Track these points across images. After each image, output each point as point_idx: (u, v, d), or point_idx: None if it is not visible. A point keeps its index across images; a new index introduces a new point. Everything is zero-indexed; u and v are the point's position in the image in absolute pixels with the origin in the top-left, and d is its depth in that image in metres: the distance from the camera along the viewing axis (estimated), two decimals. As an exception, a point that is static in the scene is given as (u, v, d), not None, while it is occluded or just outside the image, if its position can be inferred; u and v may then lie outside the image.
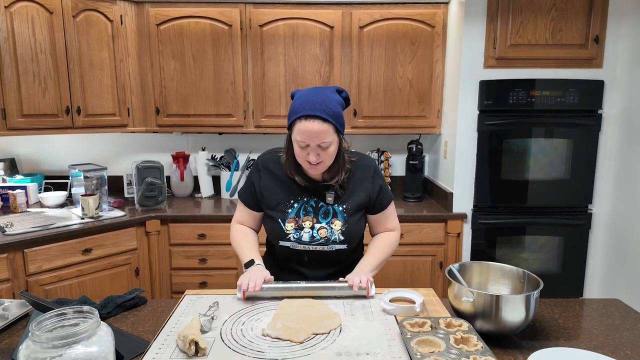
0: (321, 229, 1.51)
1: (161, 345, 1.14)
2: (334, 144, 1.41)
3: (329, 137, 1.37)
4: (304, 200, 1.52)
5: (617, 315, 1.34)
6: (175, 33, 2.86)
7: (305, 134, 1.36)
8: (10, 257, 2.23)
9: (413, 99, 2.95)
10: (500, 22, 2.54)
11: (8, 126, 2.49)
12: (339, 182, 1.49)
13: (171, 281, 2.81)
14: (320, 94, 1.39)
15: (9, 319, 1.28)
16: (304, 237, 1.51)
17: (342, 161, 1.47)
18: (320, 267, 1.56)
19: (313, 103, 1.36)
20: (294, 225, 1.51)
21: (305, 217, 1.51)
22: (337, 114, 1.39)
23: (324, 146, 1.38)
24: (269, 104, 2.95)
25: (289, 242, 1.52)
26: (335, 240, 1.51)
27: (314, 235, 1.50)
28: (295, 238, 1.51)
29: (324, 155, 1.40)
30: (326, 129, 1.36)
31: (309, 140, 1.36)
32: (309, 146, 1.38)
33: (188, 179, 3.22)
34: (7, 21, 2.41)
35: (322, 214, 1.52)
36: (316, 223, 1.51)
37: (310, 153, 1.38)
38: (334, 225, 1.51)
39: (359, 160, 1.56)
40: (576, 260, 2.76)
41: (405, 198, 3.10)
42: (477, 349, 1.04)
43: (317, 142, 1.37)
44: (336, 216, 1.51)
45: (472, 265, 1.37)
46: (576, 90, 2.58)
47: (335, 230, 1.50)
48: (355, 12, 2.85)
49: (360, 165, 1.55)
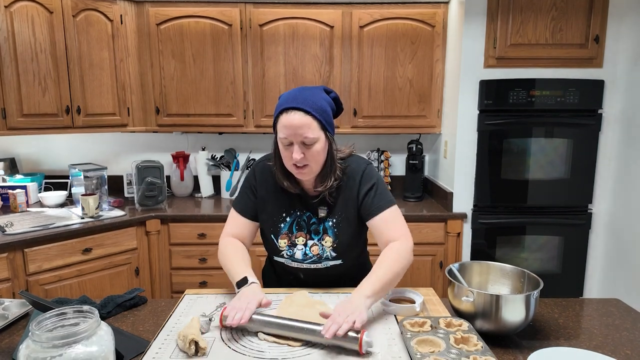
0: (313, 246, 1.44)
1: (161, 344, 1.14)
2: (320, 142, 1.31)
3: (312, 132, 1.28)
4: (296, 215, 1.45)
5: (617, 314, 1.34)
6: (175, 33, 2.86)
7: (287, 129, 1.28)
8: (10, 256, 2.23)
9: (413, 99, 2.95)
10: (501, 22, 2.54)
11: (8, 126, 2.48)
12: (327, 189, 1.39)
13: (171, 281, 2.81)
14: (304, 90, 1.33)
15: (9, 318, 1.28)
16: (297, 255, 1.44)
17: (330, 165, 1.37)
18: (318, 283, 1.49)
19: (295, 97, 1.30)
20: (287, 242, 1.45)
21: (299, 233, 1.44)
22: (322, 108, 1.31)
23: (307, 142, 1.29)
24: (269, 104, 2.95)
25: (282, 259, 1.47)
26: (328, 257, 1.44)
27: (307, 252, 1.44)
28: (289, 255, 1.45)
29: (309, 155, 1.31)
30: (309, 122, 1.28)
31: (291, 136, 1.28)
32: (292, 145, 1.30)
33: (188, 179, 3.22)
34: (7, 21, 2.41)
35: (314, 230, 1.44)
36: (309, 240, 1.44)
37: (295, 151, 1.29)
38: (325, 242, 1.43)
39: (349, 166, 1.44)
40: (576, 260, 2.76)
41: (405, 198, 3.10)
42: (477, 349, 1.04)
43: (300, 138, 1.28)
44: (326, 232, 1.43)
45: (472, 265, 1.37)
46: (576, 90, 2.57)
47: (327, 247, 1.43)
48: (356, 12, 2.85)
49: (349, 171, 1.43)
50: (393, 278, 1.29)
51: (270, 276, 1.63)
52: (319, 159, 1.34)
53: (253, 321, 1.17)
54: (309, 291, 1.43)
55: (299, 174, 1.36)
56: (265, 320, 1.17)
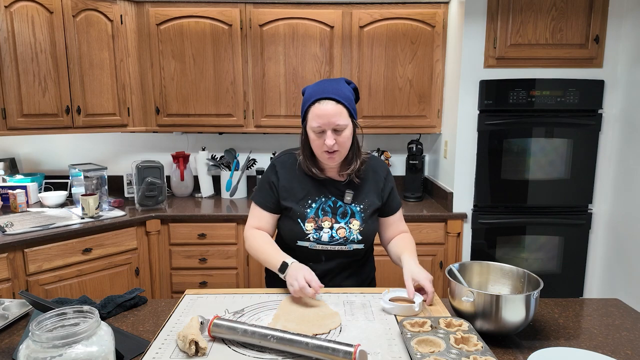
0: (340, 229, 1.52)
1: (161, 345, 1.14)
2: (349, 129, 1.43)
3: (343, 119, 1.40)
4: (322, 200, 1.53)
5: (617, 315, 1.34)
6: (176, 33, 2.86)
7: (321, 118, 1.39)
8: (10, 256, 2.23)
9: (413, 99, 2.95)
10: (501, 22, 2.54)
11: (8, 126, 2.49)
12: (354, 171, 1.50)
13: (171, 281, 2.81)
14: (331, 81, 1.45)
15: (9, 318, 1.28)
16: (324, 237, 1.51)
17: (356, 148, 1.50)
18: (336, 265, 1.56)
19: (324, 88, 1.42)
20: (314, 225, 1.51)
21: (325, 217, 1.52)
22: (349, 97, 1.44)
23: (339, 129, 1.40)
24: (269, 104, 2.95)
25: (307, 242, 1.52)
26: (353, 240, 1.52)
27: (333, 235, 1.51)
28: (315, 238, 1.51)
29: (339, 141, 1.42)
30: (340, 111, 1.39)
31: (325, 124, 1.39)
32: (324, 132, 1.40)
33: (188, 179, 3.22)
34: (7, 21, 2.41)
35: (340, 214, 1.53)
36: (335, 223, 1.52)
37: (327, 137, 1.40)
38: (352, 225, 1.52)
39: (373, 161, 1.59)
40: (576, 260, 2.76)
41: (405, 198, 3.10)
42: (477, 349, 1.04)
43: (332, 125, 1.39)
44: (354, 216, 1.53)
45: (472, 265, 1.37)
46: (576, 90, 2.57)
47: (354, 230, 1.52)
48: (356, 12, 2.85)
49: (374, 165, 1.58)
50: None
51: (274, 274, 1.63)
52: (347, 144, 1.46)
53: (236, 332, 1.12)
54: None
55: (330, 159, 1.45)
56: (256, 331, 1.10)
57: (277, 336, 1.08)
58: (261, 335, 1.09)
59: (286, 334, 1.08)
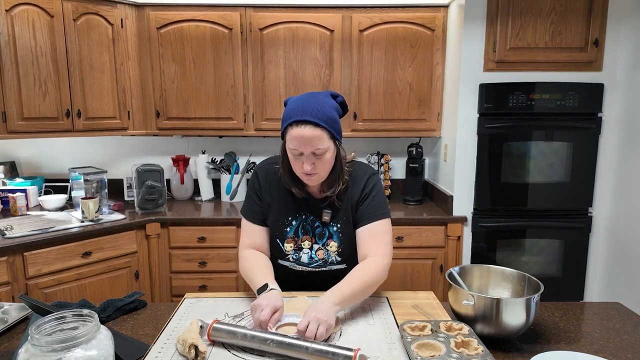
0: (319, 250, 1.46)
1: (161, 348, 1.14)
2: (330, 151, 1.33)
3: (323, 144, 1.29)
4: (302, 218, 1.46)
5: (617, 318, 1.34)
6: (176, 36, 2.87)
7: (298, 141, 1.28)
8: (10, 260, 2.22)
9: (413, 102, 2.95)
10: (500, 26, 2.54)
11: (8, 129, 2.49)
12: (336, 193, 1.40)
13: (171, 284, 2.80)
14: (313, 98, 1.31)
15: (8, 322, 1.28)
16: (303, 259, 1.47)
17: (339, 170, 1.39)
18: (319, 284, 1.47)
19: (304, 108, 1.28)
20: (293, 246, 1.46)
21: (305, 236, 1.46)
22: (331, 118, 1.31)
23: (318, 153, 1.30)
24: (269, 107, 2.96)
25: (287, 262, 1.49)
26: (332, 262, 1.47)
27: (312, 256, 1.46)
28: (295, 259, 1.47)
29: (319, 164, 1.32)
30: (319, 135, 1.28)
31: (302, 148, 1.29)
32: (302, 154, 1.31)
33: (188, 182, 3.22)
34: (7, 24, 2.41)
35: (318, 234, 1.46)
36: (314, 244, 1.46)
37: (305, 161, 1.31)
38: (330, 247, 1.45)
39: (355, 170, 1.46)
40: (576, 263, 2.76)
41: (405, 201, 3.10)
42: (477, 353, 1.04)
43: (310, 149, 1.29)
44: (331, 237, 1.45)
45: (473, 268, 1.37)
46: (576, 94, 2.58)
47: (332, 252, 1.45)
48: (355, 16, 2.85)
49: (355, 174, 1.45)
50: (363, 290, 1.30)
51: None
52: (328, 167, 1.36)
53: (235, 336, 1.11)
54: (309, 295, 1.43)
55: (309, 180, 1.37)
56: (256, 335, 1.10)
57: (277, 340, 1.07)
58: (261, 340, 1.09)
59: (286, 338, 1.08)
